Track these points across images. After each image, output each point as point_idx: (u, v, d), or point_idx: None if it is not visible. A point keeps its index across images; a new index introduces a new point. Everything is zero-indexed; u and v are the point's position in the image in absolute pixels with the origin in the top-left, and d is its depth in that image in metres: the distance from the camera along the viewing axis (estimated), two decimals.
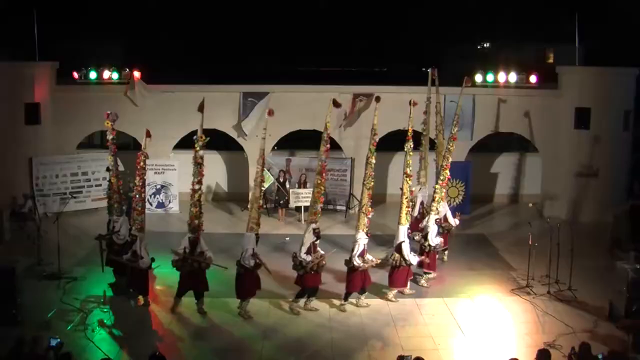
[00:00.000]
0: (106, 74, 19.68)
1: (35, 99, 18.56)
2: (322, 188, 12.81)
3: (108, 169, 14.51)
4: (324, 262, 12.54)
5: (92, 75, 19.62)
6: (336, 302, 12.80)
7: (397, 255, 13.01)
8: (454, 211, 15.80)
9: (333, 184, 19.41)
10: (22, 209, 17.51)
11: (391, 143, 18.35)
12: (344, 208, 19.41)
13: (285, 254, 15.41)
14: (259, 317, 12.20)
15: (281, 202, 18.84)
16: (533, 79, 19.82)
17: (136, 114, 19.41)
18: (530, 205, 15.44)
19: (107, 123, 13.45)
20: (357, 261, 12.44)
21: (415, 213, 15.80)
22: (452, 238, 15.48)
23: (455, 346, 11.25)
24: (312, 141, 20.35)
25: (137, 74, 19.29)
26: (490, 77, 19.93)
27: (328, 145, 12.85)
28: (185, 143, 20.09)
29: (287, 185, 18.80)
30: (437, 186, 14.46)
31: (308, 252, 12.32)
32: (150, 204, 19.26)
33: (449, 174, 14.79)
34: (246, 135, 19.41)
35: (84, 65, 19.87)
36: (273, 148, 19.91)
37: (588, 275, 13.93)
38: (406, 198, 13.09)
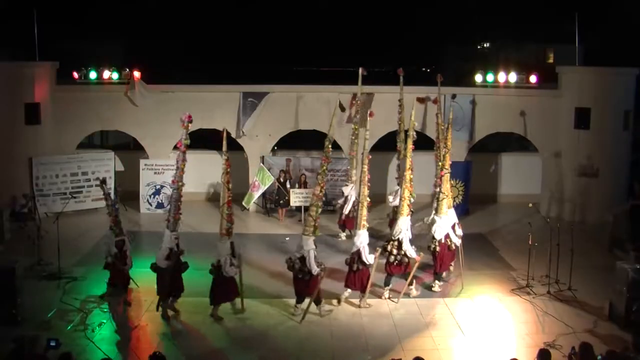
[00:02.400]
0: (106, 74, 19.68)
1: (35, 99, 18.55)
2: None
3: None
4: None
5: (92, 75, 19.63)
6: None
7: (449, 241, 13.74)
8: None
9: (333, 184, 19.39)
10: (23, 209, 17.52)
11: (391, 143, 18.34)
12: None
13: (285, 253, 15.44)
14: (257, 317, 12.19)
15: (281, 202, 18.83)
16: (533, 79, 19.82)
17: (136, 114, 19.43)
18: (530, 205, 15.44)
19: (187, 125, 12.37)
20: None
21: (346, 211, 16.76)
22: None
23: (455, 346, 11.24)
24: (312, 141, 20.40)
25: (137, 74, 19.28)
26: (490, 77, 19.93)
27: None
28: None
29: (287, 185, 18.80)
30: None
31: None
32: (150, 205, 19.27)
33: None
34: (244, 134, 19.39)
35: (84, 65, 19.88)
36: (273, 148, 19.91)
37: (588, 275, 13.93)
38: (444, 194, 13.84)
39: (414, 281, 13.34)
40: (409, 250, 12.98)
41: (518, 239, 16.21)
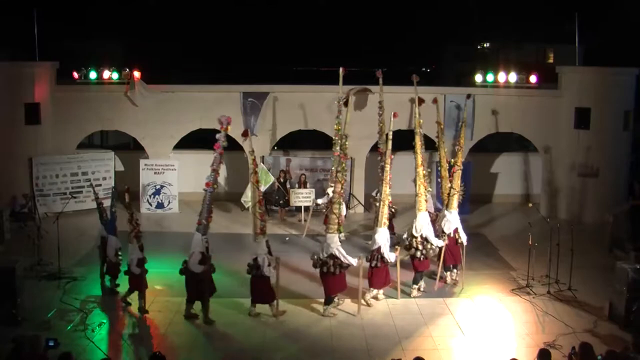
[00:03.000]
0: (106, 74, 19.66)
1: (35, 99, 18.55)
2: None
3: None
4: None
5: (92, 75, 19.60)
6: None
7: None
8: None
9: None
10: (23, 209, 17.51)
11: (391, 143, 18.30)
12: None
13: (284, 253, 15.44)
14: (257, 317, 12.17)
15: (281, 202, 18.83)
16: (533, 79, 19.82)
17: (136, 114, 19.43)
18: (530, 205, 15.46)
19: (227, 128, 12.26)
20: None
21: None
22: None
23: (455, 346, 11.24)
24: (312, 141, 20.41)
25: (137, 74, 19.28)
26: (490, 77, 19.93)
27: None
28: (185, 143, 20.15)
29: (287, 185, 18.80)
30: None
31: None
32: (150, 205, 19.26)
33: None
34: (256, 135, 19.36)
35: (84, 65, 19.86)
36: (273, 148, 19.90)
37: (588, 275, 13.93)
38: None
39: (418, 281, 13.42)
40: (436, 242, 13.35)
41: (518, 239, 16.21)
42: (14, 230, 16.50)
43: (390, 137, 13.35)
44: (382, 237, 12.71)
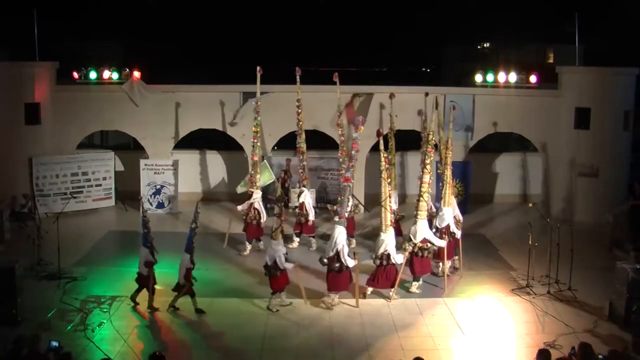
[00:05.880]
0: (106, 74, 19.68)
1: (35, 99, 18.57)
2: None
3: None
4: None
5: (92, 75, 19.63)
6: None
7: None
8: None
9: (333, 184, 19.40)
10: (23, 209, 17.52)
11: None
12: None
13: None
14: (257, 317, 12.20)
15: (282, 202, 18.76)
16: (533, 79, 19.83)
17: (136, 114, 19.44)
18: (530, 205, 15.46)
19: (361, 128, 13.01)
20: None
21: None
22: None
23: (455, 346, 11.24)
24: (312, 141, 20.35)
25: (137, 74, 19.30)
26: (490, 77, 19.94)
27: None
28: (186, 143, 20.15)
29: (286, 185, 18.74)
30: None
31: None
32: (150, 204, 19.26)
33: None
34: (235, 122, 19.31)
35: (84, 65, 19.88)
36: (273, 148, 19.90)
37: (588, 275, 13.93)
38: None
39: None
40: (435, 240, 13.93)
41: (518, 239, 16.21)
42: (14, 230, 16.50)
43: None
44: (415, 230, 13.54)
